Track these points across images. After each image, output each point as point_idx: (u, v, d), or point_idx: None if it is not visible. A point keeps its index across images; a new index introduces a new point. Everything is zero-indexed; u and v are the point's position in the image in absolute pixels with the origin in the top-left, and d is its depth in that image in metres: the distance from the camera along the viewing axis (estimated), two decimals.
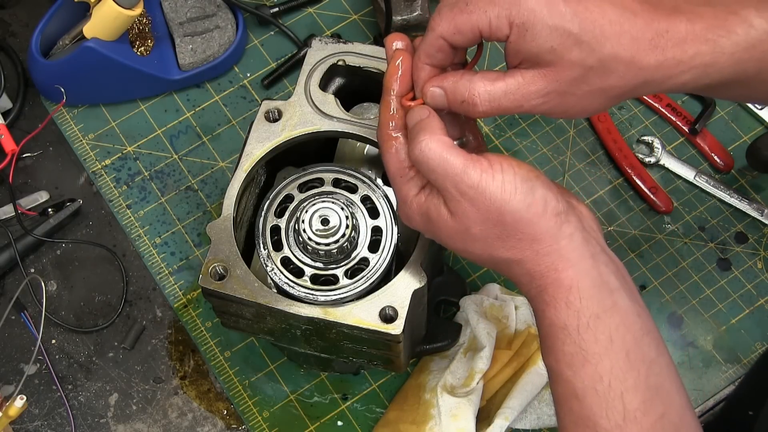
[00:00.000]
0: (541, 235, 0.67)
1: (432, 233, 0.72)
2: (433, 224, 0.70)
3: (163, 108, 1.09)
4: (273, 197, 0.82)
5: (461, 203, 0.67)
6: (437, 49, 0.69)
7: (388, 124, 0.71)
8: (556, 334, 0.67)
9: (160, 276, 1.01)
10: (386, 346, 0.80)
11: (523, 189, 0.66)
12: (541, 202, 0.67)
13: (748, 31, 0.68)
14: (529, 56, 0.66)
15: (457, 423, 0.89)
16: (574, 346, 0.66)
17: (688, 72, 0.68)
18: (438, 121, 0.69)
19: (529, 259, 0.68)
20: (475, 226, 0.67)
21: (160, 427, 0.96)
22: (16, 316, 0.99)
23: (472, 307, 0.95)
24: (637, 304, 0.68)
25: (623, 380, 0.65)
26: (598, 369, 0.65)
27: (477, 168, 0.66)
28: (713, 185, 1.05)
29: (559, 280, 0.67)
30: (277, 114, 0.85)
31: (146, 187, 1.05)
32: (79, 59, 1.02)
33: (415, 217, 0.71)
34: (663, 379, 0.67)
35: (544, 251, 0.67)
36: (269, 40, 1.13)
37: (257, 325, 0.83)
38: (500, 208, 0.66)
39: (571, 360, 0.66)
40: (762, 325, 1.00)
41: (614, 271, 0.68)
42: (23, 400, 0.82)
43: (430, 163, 0.67)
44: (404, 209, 0.72)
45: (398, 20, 1.05)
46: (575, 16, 0.65)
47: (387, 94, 0.72)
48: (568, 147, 1.07)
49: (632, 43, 0.66)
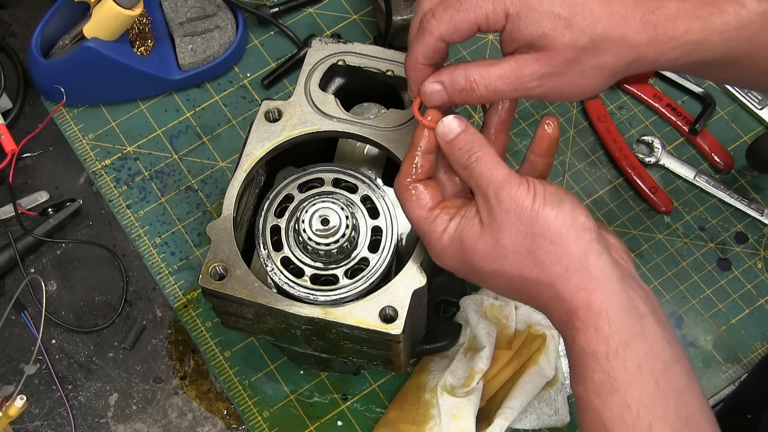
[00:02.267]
0: (570, 248, 0.67)
1: (465, 261, 0.72)
2: (465, 247, 0.71)
3: (163, 108, 1.09)
4: (273, 197, 0.82)
5: (495, 211, 0.69)
6: (435, 51, 0.71)
7: (410, 176, 0.74)
8: (586, 362, 0.66)
9: (160, 276, 1.01)
10: (386, 346, 0.80)
11: (552, 200, 0.68)
12: (569, 215, 0.68)
13: (739, 11, 0.69)
14: (523, 43, 0.69)
15: (457, 423, 0.89)
16: (602, 374, 0.65)
17: (680, 48, 0.69)
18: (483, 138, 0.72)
19: (559, 278, 0.67)
20: (506, 236, 0.68)
21: (160, 427, 0.96)
22: (16, 316, 0.99)
23: (472, 307, 0.95)
24: (667, 331, 0.67)
25: (652, 410, 0.64)
26: (627, 398, 0.64)
27: (515, 180, 0.69)
28: (713, 185, 1.05)
29: (588, 303, 0.66)
30: (277, 114, 0.85)
31: (146, 187, 1.05)
32: (79, 59, 1.02)
33: (447, 251, 0.72)
34: (693, 410, 0.66)
35: (574, 267, 0.67)
36: (269, 40, 1.13)
37: (257, 325, 0.83)
38: (530, 218, 0.67)
39: (600, 388, 0.65)
40: (762, 325, 1.00)
41: (642, 297, 0.68)
42: (23, 400, 0.82)
43: (482, 168, 0.69)
44: (436, 248, 0.73)
45: (398, 20, 1.05)
46: (564, 0, 0.67)
47: (413, 150, 0.74)
48: (568, 147, 1.07)
49: (623, 21, 0.68)
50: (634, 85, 1.09)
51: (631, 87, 1.09)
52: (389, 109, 0.85)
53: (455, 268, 0.74)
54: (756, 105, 1.09)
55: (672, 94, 1.10)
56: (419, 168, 0.74)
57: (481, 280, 0.73)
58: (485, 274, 0.71)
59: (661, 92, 1.09)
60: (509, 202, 0.68)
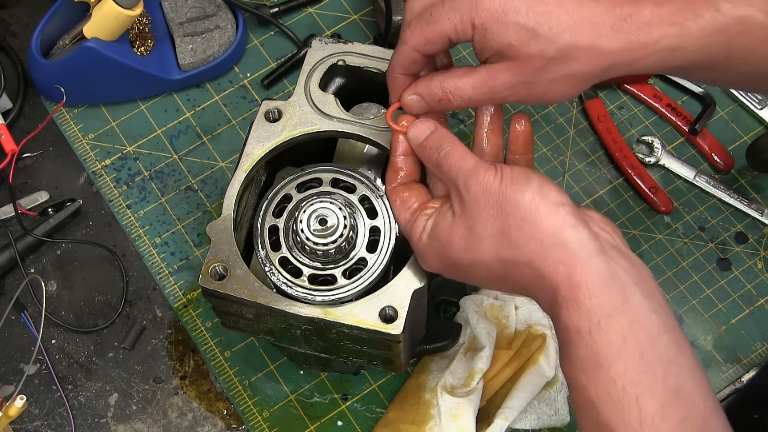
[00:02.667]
0: (542, 223, 0.67)
1: (444, 257, 0.72)
2: (442, 242, 0.71)
3: (163, 108, 1.09)
4: (271, 197, 0.82)
5: (466, 200, 0.70)
6: (411, 61, 0.74)
7: (394, 181, 0.78)
8: (570, 339, 0.65)
9: (160, 276, 1.01)
10: (386, 346, 0.80)
11: (518, 180, 0.68)
12: (538, 191, 0.67)
13: (715, 16, 0.69)
14: (493, 52, 0.70)
15: (457, 423, 0.89)
16: (586, 349, 0.64)
17: (655, 54, 0.69)
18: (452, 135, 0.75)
19: (536, 255, 0.67)
20: (477, 223, 0.69)
21: (160, 427, 0.96)
22: (16, 316, 0.99)
23: (472, 307, 0.95)
24: (654, 301, 0.65)
25: (638, 383, 0.63)
26: (611, 373, 0.63)
27: (483, 167, 0.70)
28: (713, 185, 1.05)
29: (568, 277, 0.65)
30: (277, 114, 0.85)
31: (146, 187, 1.05)
32: (79, 59, 1.02)
33: (427, 251, 0.74)
34: (684, 381, 0.64)
35: (548, 242, 0.66)
36: (269, 40, 1.13)
37: (257, 325, 0.83)
38: (499, 199, 0.68)
39: (585, 365, 0.64)
40: (762, 325, 1.00)
41: (626, 267, 0.66)
42: (23, 400, 0.82)
43: (450, 161, 0.71)
44: (417, 249, 0.75)
45: (398, 20, 1.05)
46: (530, 10, 0.68)
47: (393, 155, 0.77)
48: (568, 147, 1.07)
49: (592, 29, 0.68)
50: (634, 85, 1.09)
51: (631, 87, 1.09)
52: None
53: (438, 268, 0.74)
54: (756, 105, 1.09)
55: (672, 94, 1.10)
56: (401, 172, 0.77)
57: (464, 274, 0.73)
58: (465, 267, 0.71)
59: (661, 92, 1.09)
60: (477, 187, 0.69)
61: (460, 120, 1.08)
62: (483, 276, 0.71)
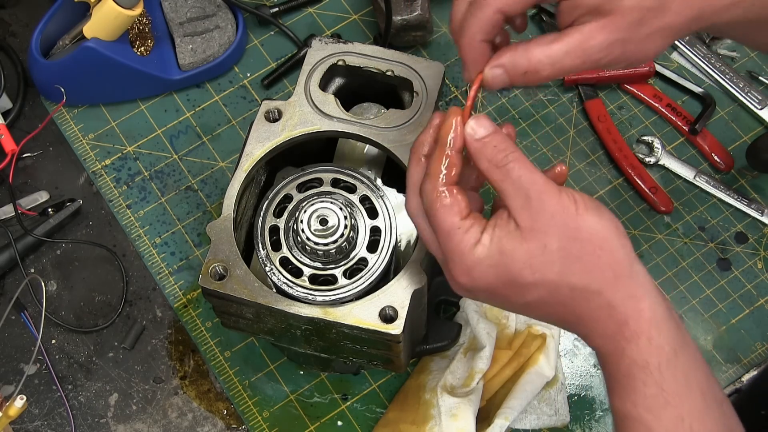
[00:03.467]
0: (618, 253, 0.65)
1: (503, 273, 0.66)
2: (506, 257, 0.65)
3: (163, 108, 1.09)
4: (272, 197, 0.82)
5: (540, 215, 0.64)
6: (493, 25, 0.67)
7: (442, 178, 0.67)
8: (636, 375, 0.64)
9: (160, 276, 1.01)
10: (386, 346, 0.80)
11: (592, 207, 0.65)
12: (611, 221, 0.65)
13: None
14: (585, 10, 0.66)
15: (457, 423, 0.89)
16: (655, 386, 0.63)
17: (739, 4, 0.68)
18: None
19: (609, 285, 0.64)
20: (553, 241, 0.64)
21: (160, 427, 0.96)
22: (16, 316, 0.99)
23: (472, 307, 0.95)
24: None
25: (703, 422, 0.63)
26: (679, 411, 0.63)
27: (555, 186, 0.66)
28: (713, 185, 1.05)
29: (639, 311, 0.64)
30: (277, 114, 0.85)
31: (146, 187, 1.05)
32: (79, 59, 1.02)
33: (481, 266, 0.66)
34: (734, 422, 0.65)
35: (623, 273, 0.64)
36: (269, 40, 1.13)
37: (257, 325, 0.83)
38: (577, 223, 0.64)
39: (652, 402, 0.63)
40: (762, 325, 1.00)
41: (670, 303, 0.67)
42: (23, 400, 0.82)
43: (522, 168, 0.65)
44: (467, 262, 0.66)
45: (398, 20, 1.05)
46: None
47: (443, 148, 0.67)
48: (568, 147, 1.07)
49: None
50: (634, 85, 1.09)
51: (631, 87, 1.09)
52: (389, 109, 0.85)
53: (486, 286, 0.67)
54: (756, 105, 1.09)
55: (672, 94, 1.10)
56: (455, 169, 0.67)
57: (518, 295, 0.67)
58: (525, 286, 0.66)
59: (661, 92, 1.09)
60: (555, 205, 0.64)
61: None
62: (540, 298, 0.66)
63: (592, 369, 0.97)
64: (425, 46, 1.12)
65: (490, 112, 1.08)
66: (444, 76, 0.87)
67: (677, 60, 1.11)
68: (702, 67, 1.10)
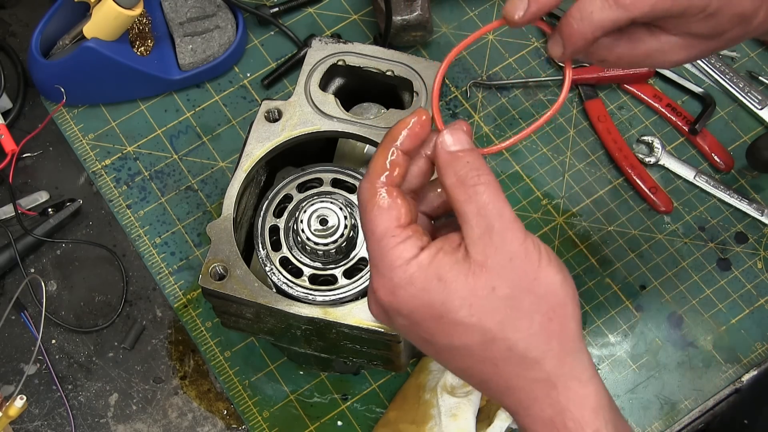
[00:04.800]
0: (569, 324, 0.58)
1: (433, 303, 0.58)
2: (444, 285, 0.58)
3: (163, 108, 1.09)
4: (272, 197, 0.82)
5: (498, 252, 0.57)
6: (614, 26, 0.65)
7: (381, 174, 0.61)
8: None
9: (160, 276, 1.01)
10: (386, 346, 0.80)
11: (556, 263, 0.59)
12: (571, 288, 0.59)
13: None
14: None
15: (457, 423, 0.89)
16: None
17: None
18: None
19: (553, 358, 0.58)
20: (504, 285, 0.57)
21: (160, 427, 0.96)
22: (16, 316, 0.99)
23: None
24: None
25: None
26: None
27: (522, 227, 0.59)
28: (713, 185, 1.05)
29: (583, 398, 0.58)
30: (277, 114, 0.85)
31: (146, 187, 1.05)
32: (79, 59, 1.02)
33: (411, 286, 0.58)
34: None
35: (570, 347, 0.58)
36: (269, 40, 1.13)
37: (257, 325, 0.83)
38: (537, 274, 0.58)
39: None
40: (762, 325, 1.00)
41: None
42: (23, 400, 0.82)
43: (491, 195, 0.58)
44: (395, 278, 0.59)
45: (398, 20, 1.05)
46: None
47: (390, 143, 0.61)
48: (568, 147, 1.07)
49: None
50: (634, 85, 1.09)
51: (631, 87, 1.09)
52: (389, 109, 0.85)
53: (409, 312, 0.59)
54: (756, 105, 1.09)
55: (672, 94, 1.10)
56: (396, 168, 0.61)
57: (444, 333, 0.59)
58: (456, 326, 0.58)
59: (661, 92, 1.09)
60: (518, 247, 0.57)
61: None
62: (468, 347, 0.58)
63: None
64: (425, 46, 1.12)
65: (490, 112, 1.08)
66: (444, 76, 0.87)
67: None
68: (702, 67, 1.10)
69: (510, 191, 1.05)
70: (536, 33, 1.13)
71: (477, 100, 1.09)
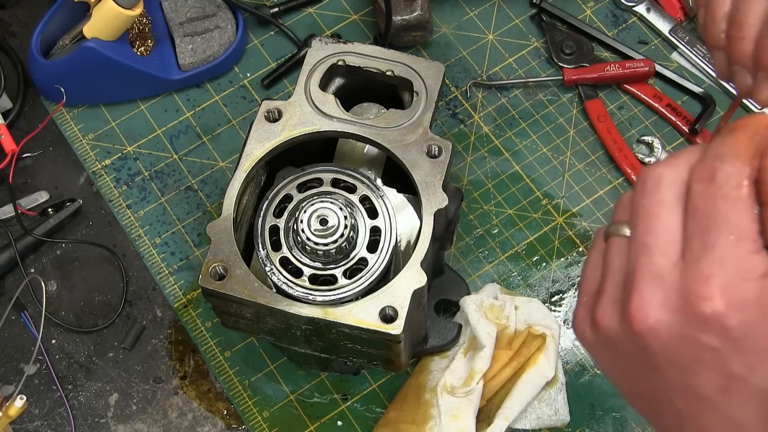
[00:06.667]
0: None
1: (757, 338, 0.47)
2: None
3: (163, 108, 1.09)
4: (272, 197, 0.82)
5: None
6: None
7: (752, 160, 0.48)
8: None
9: (160, 276, 1.01)
10: (386, 346, 0.80)
11: None
12: None
13: None
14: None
15: (457, 423, 0.89)
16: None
17: None
18: None
19: None
20: None
21: (160, 427, 0.96)
22: (16, 316, 0.99)
23: (472, 307, 0.95)
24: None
25: None
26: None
27: None
28: None
29: None
30: (277, 114, 0.85)
31: (146, 187, 1.05)
32: (79, 59, 1.02)
33: (752, 305, 0.47)
34: None
35: None
36: (269, 40, 1.13)
37: (257, 325, 0.83)
38: None
39: None
40: None
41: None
42: (23, 400, 0.82)
43: None
44: (733, 274, 0.47)
45: (398, 20, 1.05)
46: None
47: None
48: (568, 147, 1.07)
49: None
50: (634, 85, 1.09)
51: (631, 87, 1.09)
52: (389, 109, 0.85)
53: (743, 330, 0.47)
54: (756, 105, 1.09)
55: (672, 94, 1.10)
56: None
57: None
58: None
59: (661, 92, 1.09)
60: None
61: (460, 120, 1.08)
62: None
63: (592, 369, 0.97)
64: (425, 46, 1.12)
65: (490, 112, 1.08)
66: (444, 76, 0.87)
67: (677, 60, 1.11)
68: (702, 67, 1.10)
69: (510, 191, 1.05)
70: (536, 33, 1.13)
71: (477, 100, 1.09)
